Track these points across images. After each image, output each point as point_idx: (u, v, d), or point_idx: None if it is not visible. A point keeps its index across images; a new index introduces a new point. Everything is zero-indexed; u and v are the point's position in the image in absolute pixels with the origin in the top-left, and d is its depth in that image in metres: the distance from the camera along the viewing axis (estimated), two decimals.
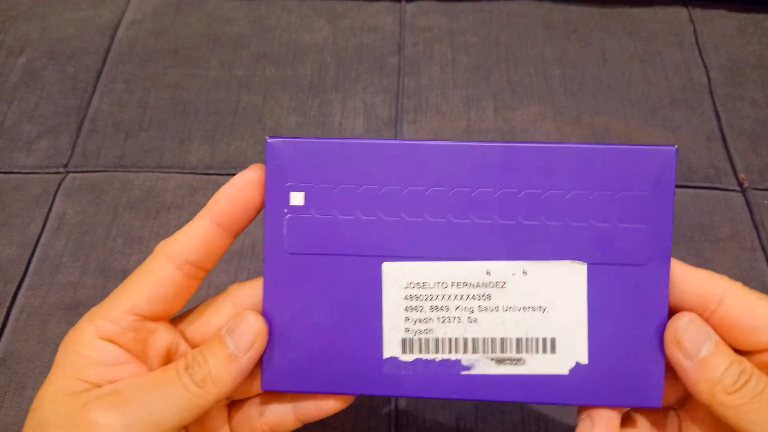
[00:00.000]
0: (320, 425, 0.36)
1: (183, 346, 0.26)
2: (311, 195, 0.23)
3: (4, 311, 0.41)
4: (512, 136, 0.49)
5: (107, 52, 0.55)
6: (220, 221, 0.24)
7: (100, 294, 0.41)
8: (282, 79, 0.53)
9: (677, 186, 0.46)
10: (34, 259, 0.43)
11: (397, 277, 0.24)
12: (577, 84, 0.52)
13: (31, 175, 0.47)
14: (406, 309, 0.24)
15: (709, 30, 0.56)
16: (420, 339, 0.24)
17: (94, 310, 0.26)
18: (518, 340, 0.24)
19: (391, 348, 0.24)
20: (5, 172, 0.47)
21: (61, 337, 0.39)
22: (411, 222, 0.23)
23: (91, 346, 0.25)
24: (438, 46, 0.55)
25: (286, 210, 0.24)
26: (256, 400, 0.27)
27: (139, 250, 0.43)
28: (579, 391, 0.24)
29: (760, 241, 0.43)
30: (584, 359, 0.24)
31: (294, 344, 0.24)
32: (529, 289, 0.23)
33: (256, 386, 0.26)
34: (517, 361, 0.24)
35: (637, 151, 0.23)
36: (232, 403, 0.28)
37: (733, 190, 0.46)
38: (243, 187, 0.24)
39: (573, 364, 0.24)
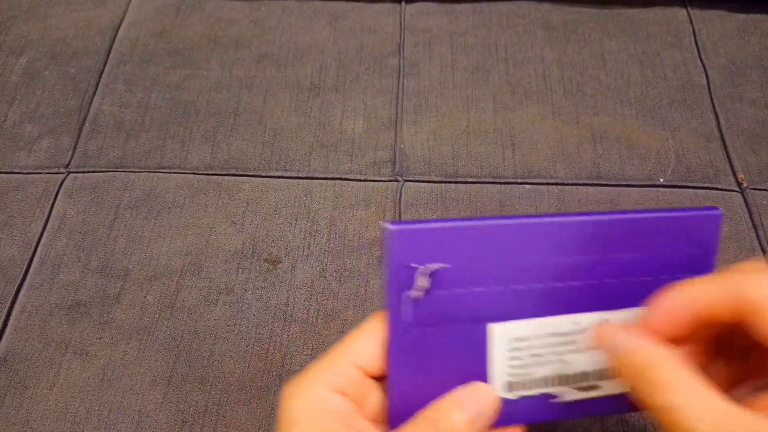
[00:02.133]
0: None
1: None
2: (429, 274, 0.26)
3: (5, 311, 0.41)
4: (511, 136, 0.49)
5: (108, 52, 0.55)
6: None
7: (101, 294, 0.41)
8: (282, 80, 0.53)
9: (677, 186, 0.47)
10: (35, 259, 0.43)
11: (503, 335, 0.28)
12: (576, 84, 0.52)
13: (33, 175, 0.47)
14: (510, 358, 0.28)
15: (708, 30, 0.56)
16: (521, 381, 0.28)
17: (318, 365, 0.26)
18: (598, 372, 0.28)
19: (498, 390, 0.28)
20: (6, 172, 0.47)
21: (63, 336, 0.40)
22: (515, 289, 0.27)
23: (326, 399, 0.25)
24: (438, 47, 0.55)
25: (406, 289, 0.26)
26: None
27: (140, 250, 0.43)
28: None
29: (759, 241, 0.44)
30: None
31: (416, 396, 0.28)
32: None
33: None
34: (595, 387, 0.28)
35: (690, 217, 0.27)
36: None
37: (732, 190, 0.46)
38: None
39: None
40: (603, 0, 0.58)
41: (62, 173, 0.47)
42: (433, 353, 0.27)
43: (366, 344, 0.26)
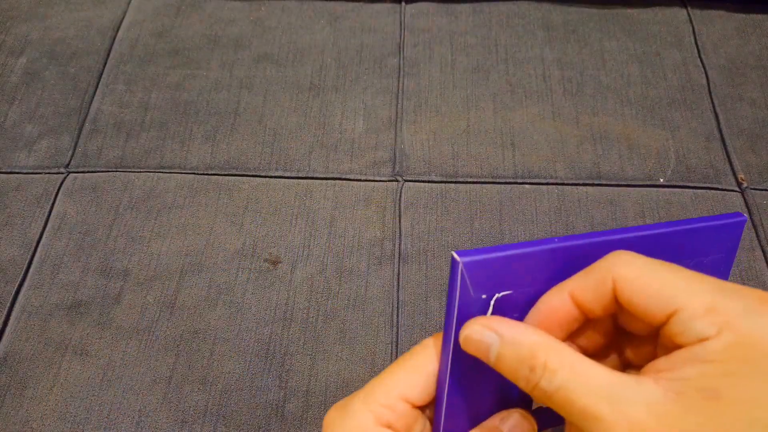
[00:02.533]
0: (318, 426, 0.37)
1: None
2: (493, 301, 0.26)
3: (5, 311, 0.41)
4: (511, 136, 0.49)
5: (108, 52, 0.55)
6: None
7: (101, 294, 0.41)
8: (282, 80, 0.53)
9: (677, 186, 0.47)
10: (35, 259, 0.43)
11: None
12: (576, 84, 0.52)
13: (32, 175, 0.47)
14: None
15: (708, 30, 0.56)
16: None
17: (365, 395, 0.26)
18: None
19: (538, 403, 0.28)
20: (6, 172, 0.47)
21: (63, 336, 0.40)
22: None
23: None
24: (438, 47, 0.55)
25: (471, 317, 0.26)
26: None
27: (140, 250, 0.43)
28: None
29: (759, 241, 0.44)
30: None
31: (464, 423, 0.28)
32: None
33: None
34: None
35: (721, 225, 0.27)
36: None
37: (732, 190, 0.46)
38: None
39: None
40: (603, 0, 0.58)
41: (62, 173, 0.47)
42: (485, 379, 0.27)
43: (414, 375, 0.26)
